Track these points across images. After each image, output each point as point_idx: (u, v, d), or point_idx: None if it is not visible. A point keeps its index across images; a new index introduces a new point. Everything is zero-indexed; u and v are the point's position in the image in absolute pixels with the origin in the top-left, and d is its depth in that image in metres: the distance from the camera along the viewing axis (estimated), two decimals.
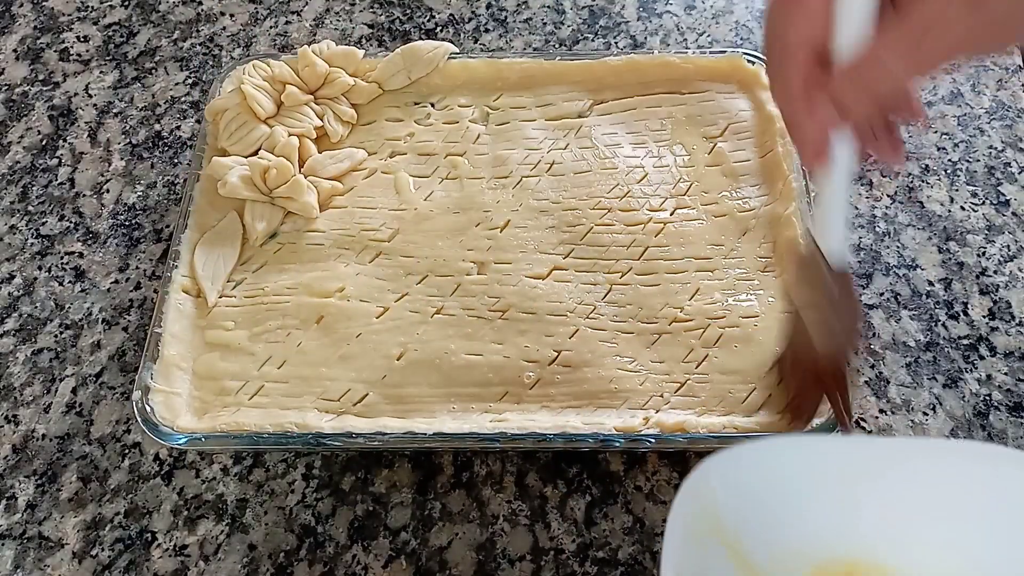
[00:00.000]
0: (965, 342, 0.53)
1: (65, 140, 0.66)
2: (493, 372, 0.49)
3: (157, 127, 0.66)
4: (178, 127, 0.66)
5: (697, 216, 0.55)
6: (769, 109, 0.58)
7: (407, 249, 0.55)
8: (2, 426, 0.53)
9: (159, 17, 0.73)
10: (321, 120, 0.59)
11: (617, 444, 0.46)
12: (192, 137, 0.65)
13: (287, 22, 0.71)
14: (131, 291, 0.58)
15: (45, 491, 0.51)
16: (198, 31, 0.71)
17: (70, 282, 0.59)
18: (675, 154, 0.58)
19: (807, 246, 0.42)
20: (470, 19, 0.70)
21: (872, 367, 0.52)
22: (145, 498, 0.50)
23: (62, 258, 0.60)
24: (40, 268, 0.60)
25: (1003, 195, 0.59)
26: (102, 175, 0.64)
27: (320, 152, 0.58)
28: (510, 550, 0.47)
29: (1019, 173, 0.59)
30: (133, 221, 0.61)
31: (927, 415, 0.51)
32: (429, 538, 0.48)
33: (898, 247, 0.57)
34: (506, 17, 0.70)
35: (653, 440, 0.46)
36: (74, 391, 0.54)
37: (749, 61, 0.59)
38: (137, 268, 0.59)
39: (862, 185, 0.59)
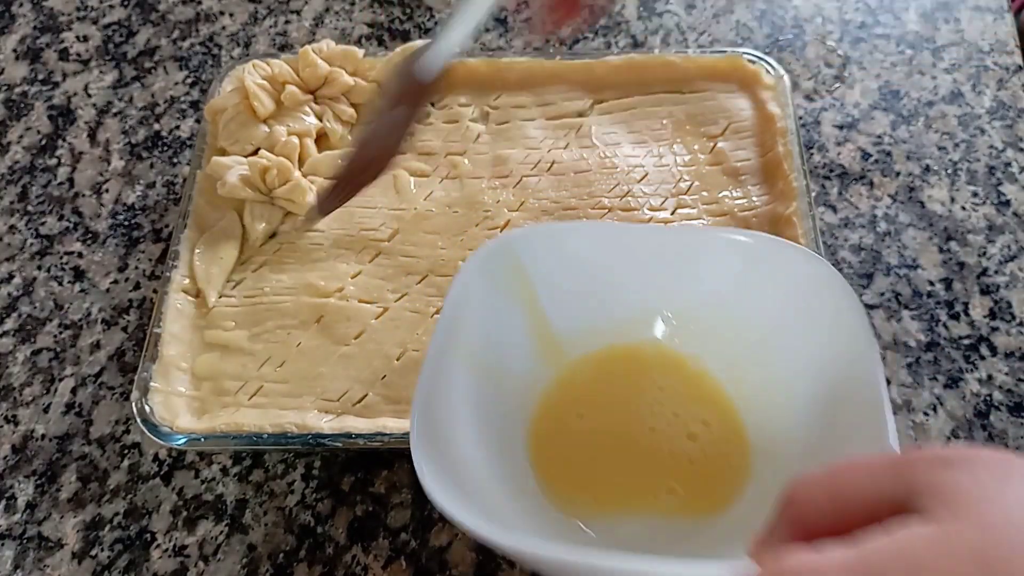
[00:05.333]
0: (966, 342, 0.53)
1: (64, 140, 0.66)
2: None
3: (156, 127, 0.66)
4: (177, 127, 0.66)
5: (698, 215, 0.55)
6: (770, 109, 0.58)
7: (407, 249, 0.54)
8: (2, 426, 0.53)
9: (158, 17, 0.72)
10: (321, 120, 0.59)
11: None
12: (191, 137, 0.65)
13: (287, 21, 0.71)
14: (130, 291, 0.58)
15: (45, 491, 0.51)
16: (197, 31, 0.71)
17: (69, 282, 0.59)
18: (675, 153, 0.58)
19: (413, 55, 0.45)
20: None
21: None
22: (144, 498, 0.50)
23: (61, 258, 0.60)
24: (39, 268, 0.59)
25: (1004, 195, 0.59)
26: (101, 175, 0.64)
27: (320, 152, 0.58)
28: None
29: (1020, 173, 0.59)
30: (132, 221, 0.61)
31: (928, 415, 0.51)
32: (429, 538, 0.48)
33: (899, 247, 0.57)
34: (506, 17, 0.70)
35: None
36: (73, 391, 0.54)
37: (749, 61, 0.59)
38: (136, 268, 0.59)
39: (863, 185, 0.59)
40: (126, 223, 0.61)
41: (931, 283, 0.55)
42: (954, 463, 0.23)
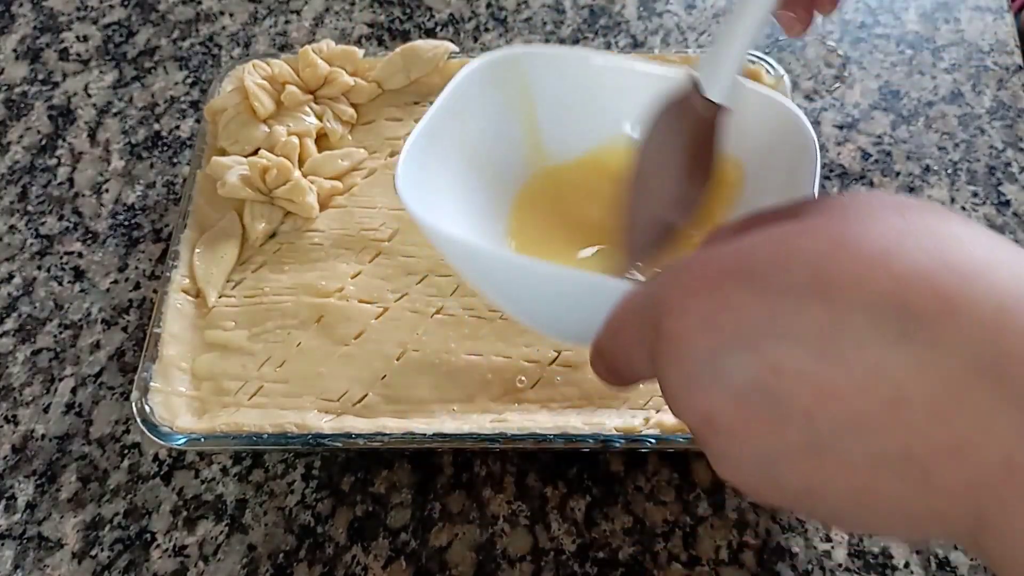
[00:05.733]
0: None
1: (64, 140, 0.66)
2: (493, 372, 0.49)
3: (156, 127, 0.66)
4: (177, 127, 0.66)
5: None
6: None
7: (407, 249, 0.54)
8: (2, 426, 0.53)
9: (158, 17, 0.72)
10: (321, 120, 0.59)
11: (617, 444, 0.46)
12: (191, 137, 0.65)
13: (287, 21, 0.71)
14: (130, 291, 0.58)
15: (45, 491, 0.51)
16: (197, 31, 0.71)
17: (69, 282, 0.59)
18: None
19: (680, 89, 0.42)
20: (470, 19, 0.70)
21: None
22: (144, 498, 0.50)
23: (61, 258, 0.60)
24: (39, 268, 0.59)
25: (1004, 195, 0.59)
26: (101, 175, 0.64)
27: (320, 152, 0.58)
28: (510, 551, 0.47)
29: (1020, 173, 0.59)
30: (132, 221, 0.61)
31: None
32: (429, 539, 0.48)
33: None
34: (506, 17, 0.70)
35: (654, 441, 0.46)
36: (73, 391, 0.54)
37: (749, 61, 0.59)
38: (136, 268, 0.59)
39: (863, 185, 0.59)
40: (126, 223, 0.61)
41: None
42: (838, 195, 0.27)
